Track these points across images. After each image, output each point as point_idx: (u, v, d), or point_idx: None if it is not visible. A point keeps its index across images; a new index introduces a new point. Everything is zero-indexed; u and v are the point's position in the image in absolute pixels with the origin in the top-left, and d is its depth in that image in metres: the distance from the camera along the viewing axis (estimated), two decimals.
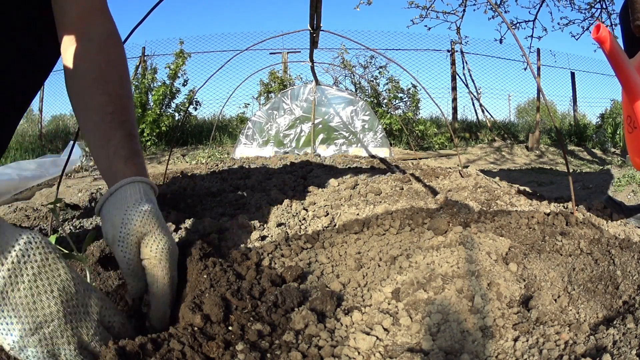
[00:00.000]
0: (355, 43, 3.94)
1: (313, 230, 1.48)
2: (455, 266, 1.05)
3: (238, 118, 7.80)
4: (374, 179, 2.15)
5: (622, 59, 1.24)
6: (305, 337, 0.84)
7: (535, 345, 0.80)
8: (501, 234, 1.28)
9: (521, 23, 6.91)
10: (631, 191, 2.63)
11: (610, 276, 1.01)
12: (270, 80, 7.81)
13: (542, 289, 0.99)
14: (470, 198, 1.80)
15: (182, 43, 7.10)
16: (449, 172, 2.64)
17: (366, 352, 0.81)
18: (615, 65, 1.25)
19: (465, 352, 0.79)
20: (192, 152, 6.58)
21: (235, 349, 0.75)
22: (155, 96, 6.82)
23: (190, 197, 2.06)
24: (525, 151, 7.15)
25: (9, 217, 1.99)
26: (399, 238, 1.32)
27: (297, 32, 6.17)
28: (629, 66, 1.25)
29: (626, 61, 1.25)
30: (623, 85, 1.29)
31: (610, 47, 1.22)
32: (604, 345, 0.76)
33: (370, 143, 5.84)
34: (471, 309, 0.91)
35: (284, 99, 5.90)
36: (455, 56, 8.82)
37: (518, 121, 11.89)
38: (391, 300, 0.98)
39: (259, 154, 5.69)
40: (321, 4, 2.56)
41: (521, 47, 1.62)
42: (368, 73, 8.10)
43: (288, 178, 2.61)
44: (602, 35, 1.20)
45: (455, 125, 8.72)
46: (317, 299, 0.95)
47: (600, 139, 7.70)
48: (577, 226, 1.32)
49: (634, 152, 1.43)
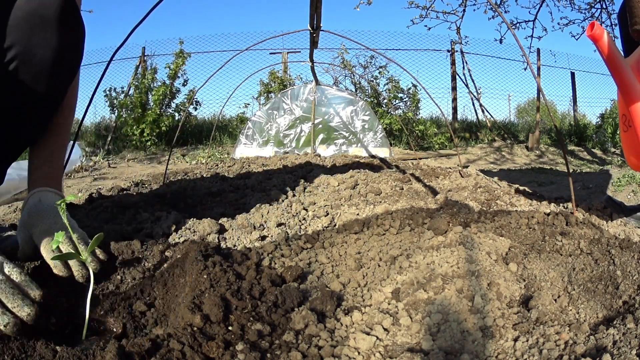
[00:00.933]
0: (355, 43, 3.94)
1: (313, 230, 1.48)
2: (455, 266, 1.05)
3: (238, 118, 7.79)
4: (374, 179, 2.15)
5: (617, 57, 1.23)
6: (305, 337, 0.83)
7: (535, 345, 0.80)
8: (501, 234, 1.28)
9: (521, 23, 6.90)
10: (631, 191, 2.63)
11: (610, 276, 1.01)
12: (270, 80, 7.81)
13: (542, 289, 0.99)
14: (470, 198, 1.80)
15: (182, 43, 7.10)
16: (449, 172, 2.64)
17: (366, 352, 0.81)
18: (609, 63, 1.25)
19: (465, 352, 0.79)
20: (192, 152, 6.57)
21: (235, 349, 0.75)
22: (155, 96, 6.81)
23: (190, 197, 2.06)
24: (525, 151, 7.15)
25: (9, 217, 1.99)
26: (399, 238, 1.32)
27: (297, 32, 6.17)
28: (624, 65, 1.25)
29: (621, 60, 1.24)
30: (618, 83, 1.29)
31: (604, 45, 1.21)
32: (604, 345, 0.76)
33: (370, 143, 5.84)
34: (471, 309, 0.91)
35: (284, 99, 5.89)
36: (455, 56, 8.81)
37: (518, 121, 11.88)
38: (391, 300, 0.98)
39: (259, 154, 5.68)
40: (321, 4, 2.56)
41: (521, 47, 1.62)
42: (368, 73, 8.10)
43: (288, 178, 2.61)
44: (597, 33, 1.20)
45: (455, 125, 8.71)
46: (317, 299, 0.95)
47: (600, 139, 7.70)
48: (577, 226, 1.32)
49: (629, 151, 1.43)
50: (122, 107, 6.94)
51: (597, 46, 1.23)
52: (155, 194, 2.06)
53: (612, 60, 1.24)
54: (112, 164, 5.31)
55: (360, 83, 8.27)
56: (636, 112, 1.28)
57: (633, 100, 1.28)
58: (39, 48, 0.97)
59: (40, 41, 0.96)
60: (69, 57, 1.05)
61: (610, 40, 1.22)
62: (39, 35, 0.96)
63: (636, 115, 1.28)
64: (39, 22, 0.96)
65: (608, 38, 1.21)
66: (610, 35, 1.22)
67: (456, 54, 8.80)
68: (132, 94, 7.01)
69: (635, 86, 1.26)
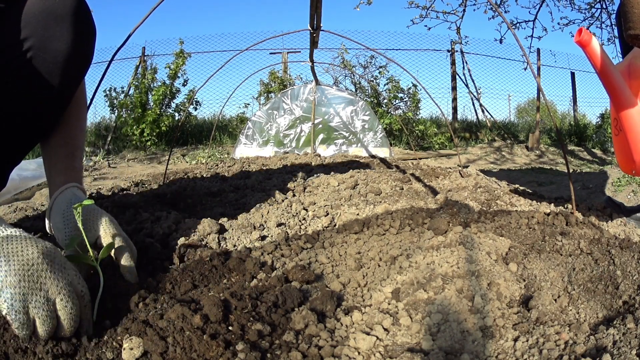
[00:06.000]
0: (355, 43, 3.94)
1: (313, 230, 1.48)
2: (455, 266, 1.05)
3: (238, 118, 7.79)
4: (374, 179, 2.15)
5: (606, 63, 1.22)
6: (306, 337, 0.84)
7: (535, 345, 0.80)
8: (501, 234, 1.28)
9: (521, 23, 6.90)
10: (631, 191, 2.63)
11: (610, 276, 1.01)
12: (270, 80, 7.80)
13: (542, 289, 0.99)
14: (470, 198, 1.80)
15: (182, 43, 7.10)
16: (449, 172, 2.64)
17: (366, 352, 0.81)
18: (598, 69, 1.23)
19: (465, 352, 0.79)
20: (192, 152, 6.57)
21: (235, 348, 0.75)
22: (155, 96, 6.81)
23: (190, 197, 2.06)
24: (525, 151, 7.15)
25: (9, 217, 1.99)
26: (399, 238, 1.32)
27: (297, 32, 6.17)
28: (613, 70, 1.24)
29: (610, 65, 1.23)
30: (607, 89, 1.28)
31: (592, 51, 1.21)
32: (604, 345, 0.76)
33: (370, 143, 5.84)
34: (471, 309, 0.91)
35: (284, 99, 5.89)
36: (455, 56, 8.82)
37: (518, 121, 11.87)
38: (391, 300, 0.98)
39: (259, 154, 5.68)
40: (321, 4, 2.55)
41: (521, 47, 1.62)
42: (368, 73, 8.10)
43: (288, 178, 2.61)
44: (584, 39, 1.19)
45: (455, 125, 8.71)
46: (317, 299, 0.95)
47: (600, 139, 7.70)
48: (577, 226, 1.32)
49: (620, 154, 1.43)
50: (122, 107, 6.94)
51: (585, 52, 1.22)
52: (155, 194, 2.06)
53: (600, 66, 1.23)
54: (112, 164, 5.31)
55: (360, 83, 8.27)
56: (626, 117, 1.28)
57: (623, 105, 1.27)
58: (53, 41, 0.99)
59: (55, 34, 0.99)
60: (82, 51, 1.07)
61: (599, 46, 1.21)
62: (54, 29, 0.99)
63: (626, 120, 1.28)
64: (54, 17, 0.98)
65: (596, 44, 1.21)
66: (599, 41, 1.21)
67: (456, 54, 8.81)
68: (132, 94, 7.01)
69: (625, 92, 1.26)
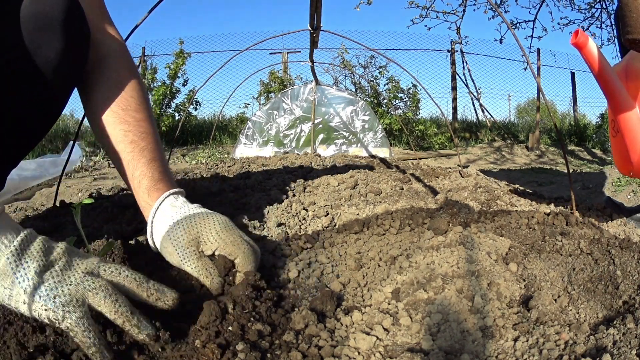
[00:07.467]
0: (355, 43, 3.94)
1: (313, 230, 1.48)
2: (455, 266, 1.05)
3: (238, 118, 7.80)
4: (374, 179, 2.15)
5: (602, 64, 1.21)
6: (305, 337, 0.84)
7: (535, 345, 0.80)
8: (501, 234, 1.28)
9: (521, 23, 6.90)
10: (631, 191, 2.63)
11: (610, 276, 1.01)
12: (270, 80, 7.81)
13: (542, 289, 0.99)
14: (470, 198, 1.80)
15: (182, 43, 7.10)
16: (449, 172, 2.64)
17: (366, 352, 0.81)
18: (595, 71, 1.23)
19: (465, 352, 0.79)
20: (192, 152, 6.58)
21: (235, 348, 0.75)
22: (155, 96, 6.81)
23: (190, 197, 2.06)
24: (525, 151, 7.15)
25: None
26: (399, 238, 1.32)
27: (297, 32, 6.16)
28: (610, 72, 1.24)
29: (607, 67, 1.23)
30: (604, 91, 1.27)
31: (588, 52, 1.20)
32: (604, 345, 0.76)
33: (370, 143, 5.84)
34: (471, 309, 0.91)
35: (284, 99, 5.89)
36: (455, 56, 8.82)
37: (518, 121, 11.88)
38: (391, 300, 0.98)
39: (259, 154, 5.68)
40: (321, 3, 2.56)
41: (521, 47, 1.62)
42: (368, 73, 8.10)
43: (288, 178, 2.60)
44: (581, 41, 1.19)
45: (455, 125, 8.72)
46: (317, 299, 0.95)
47: (600, 139, 7.70)
48: (577, 226, 1.32)
49: (618, 155, 1.43)
50: None
51: (582, 54, 1.21)
52: None
53: (597, 68, 1.22)
54: (112, 164, 5.31)
55: (360, 83, 8.27)
56: (623, 119, 1.28)
57: (620, 107, 1.27)
58: (43, 48, 0.97)
59: (45, 41, 0.97)
60: (73, 58, 1.05)
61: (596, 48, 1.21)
62: (44, 36, 0.97)
63: (623, 121, 1.28)
64: (44, 23, 0.96)
65: (593, 45, 1.20)
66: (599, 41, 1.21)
67: (456, 54, 8.81)
68: None
69: (622, 93, 1.26)
